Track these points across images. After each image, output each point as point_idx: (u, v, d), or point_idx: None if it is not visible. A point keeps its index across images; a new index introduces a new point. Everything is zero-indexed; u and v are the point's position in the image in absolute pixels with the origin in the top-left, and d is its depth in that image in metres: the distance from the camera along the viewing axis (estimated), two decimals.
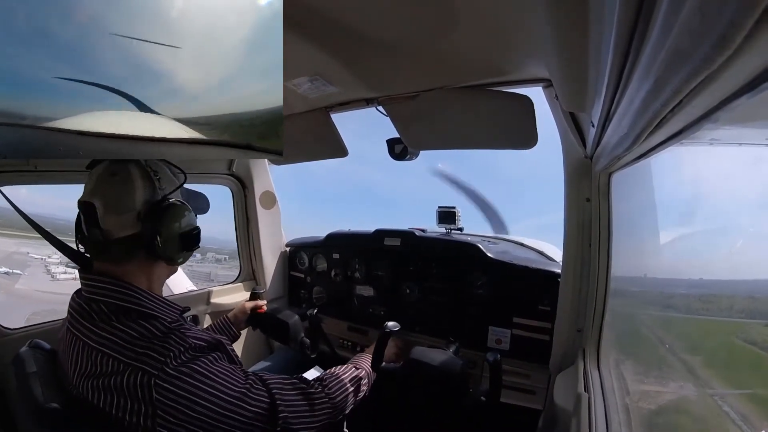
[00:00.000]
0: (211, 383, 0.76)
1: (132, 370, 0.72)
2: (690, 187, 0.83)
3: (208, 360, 0.78)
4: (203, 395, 0.74)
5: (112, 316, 0.79)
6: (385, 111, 1.38)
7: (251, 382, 0.83)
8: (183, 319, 0.90)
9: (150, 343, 0.75)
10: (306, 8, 0.82)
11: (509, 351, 1.54)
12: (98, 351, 0.75)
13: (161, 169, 0.88)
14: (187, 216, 0.89)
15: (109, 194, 0.80)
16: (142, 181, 0.83)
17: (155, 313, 0.83)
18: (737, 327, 0.64)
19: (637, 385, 0.97)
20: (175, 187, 0.89)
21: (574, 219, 1.25)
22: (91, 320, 0.79)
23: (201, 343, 0.80)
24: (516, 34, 0.87)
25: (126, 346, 0.74)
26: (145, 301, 0.83)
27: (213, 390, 0.75)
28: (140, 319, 0.79)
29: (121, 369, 0.72)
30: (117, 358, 0.74)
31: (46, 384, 0.80)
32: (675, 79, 0.33)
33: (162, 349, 0.74)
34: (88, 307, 0.81)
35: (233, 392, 0.78)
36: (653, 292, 0.97)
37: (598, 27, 0.53)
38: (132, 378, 0.71)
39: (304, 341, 1.43)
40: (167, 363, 0.73)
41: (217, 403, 0.75)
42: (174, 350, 0.75)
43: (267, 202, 2.13)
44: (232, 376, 0.80)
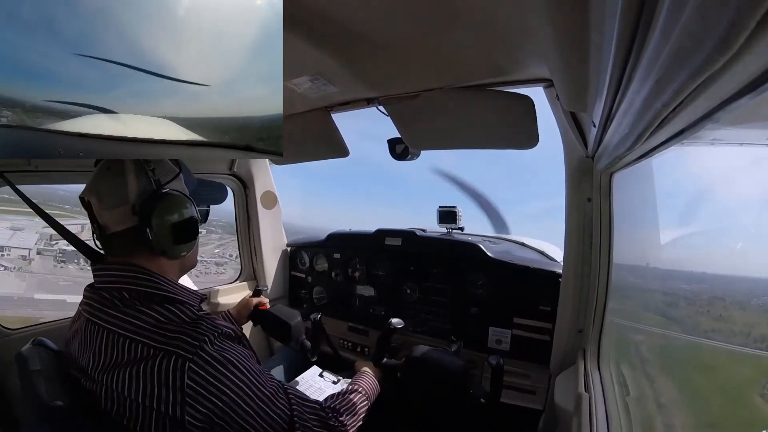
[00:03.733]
0: (243, 377, 0.74)
1: (164, 354, 0.70)
2: (692, 187, 0.83)
3: (240, 353, 0.76)
4: (233, 388, 0.72)
5: (136, 302, 0.77)
6: (385, 111, 1.37)
7: (275, 389, 0.80)
8: (201, 308, 0.89)
9: (181, 328, 0.73)
10: (306, 8, 0.82)
11: (510, 351, 1.54)
12: (126, 337, 0.73)
13: (157, 160, 0.85)
14: (181, 206, 0.84)
15: (103, 189, 0.79)
16: (135, 174, 0.80)
17: (181, 298, 0.81)
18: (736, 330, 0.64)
19: (638, 384, 0.97)
20: (170, 177, 0.85)
21: (575, 219, 1.25)
22: (116, 307, 0.77)
23: (230, 332, 0.78)
24: (517, 34, 0.87)
25: (156, 330, 0.73)
26: (168, 286, 0.81)
27: (243, 385, 0.74)
28: (167, 303, 0.78)
29: (152, 354, 0.70)
30: (147, 343, 0.72)
31: (51, 382, 0.79)
32: (676, 80, 0.33)
33: (195, 333, 0.73)
34: (110, 295, 0.79)
35: (261, 394, 0.76)
36: (653, 292, 0.97)
37: (599, 27, 0.53)
38: (165, 363, 0.69)
39: (305, 344, 1.43)
40: (202, 347, 0.71)
41: (244, 399, 0.73)
42: (208, 335, 0.73)
43: (268, 201, 2.13)
44: (263, 377, 0.78)
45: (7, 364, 1.28)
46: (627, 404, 0.89)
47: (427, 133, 1.44)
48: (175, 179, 0.86)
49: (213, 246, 6.80)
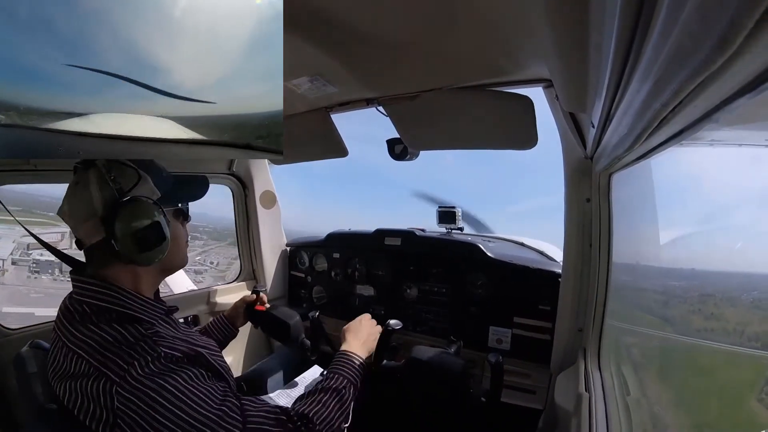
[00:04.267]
0: (178, 403, 0.71)
1: (98, 375, 0.70)
2: (691, 188, 0.83)
3: (181, 376, 0.73)
4: (165, 413, 0.70)
5: (93, 317, 0.77)
6: (385, 111, 1.38)
7: (226, 409, 0.76)
8: (171, 319, 0.88)
9: (118, 350, 0.72)
10: (306, 8, 0.82)
11: (510, 351, 1.54)
12: (73, 352, 0.74)
13: (116, 167, 0.82)
14: (142, 211, 0.81)
15: (73, 204, 0.80)
16: (98, 185, 0.79)
17: (138, 314, 0.81)
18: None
19: (637, 385, 0.97)
20: (133, 183, 0.83)
21: (575, 219, 1.25)
22: (72, 321, 0.78)
23: (175, 354, 0.75)
24: (516, 35, 0.87)
25: (97, 348, 0.73)
26: (127, 302, 0.81)
27: (177, 410, 0.70)
28: (117, 323, 0.77)
29: (90, 372, 0.71)
30: (87, 360, 0.72)
31: (47, 384, 0.80)
32: (675, 80, 0.33)
33: (128, 357, 0.71)
34: (72, 308, 0.80)
35: (202, 416, 0.72)
36: (654, 292, 0.97)
37: (598, 27, 0.53)
38: (96, 383, 0.69)
39: (305, 343, 1.43)
40: (130, 372, 0.70)
41: (179, 424, 0.70)
42: (139, 360, 0.71)
43: (267, 201, 2.13)
44: (205, 397, 0.74)
45: (7, 364, 1.28)
46: (627, 404, 0.90)
47: (427, 134, 1.44)
48: (139, 184, 0.83)
49: (195, 253, 6.66)
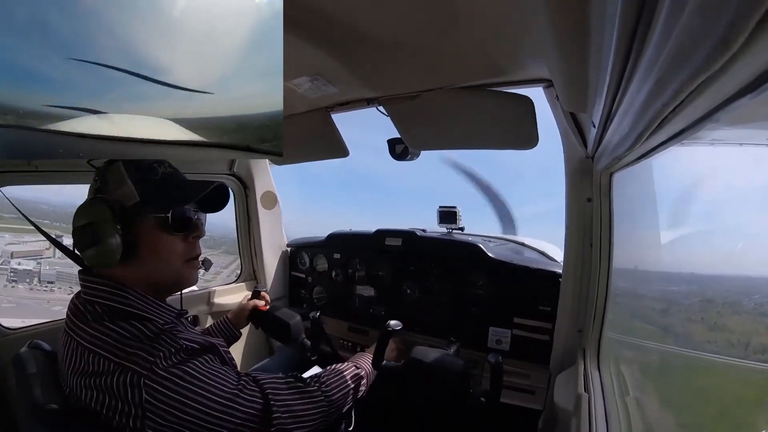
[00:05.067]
0: (201, 385, 0.75)
1: (122, 370, 0.72)
2: (692, 187, 0.83)
3: (199, 362, 0.78)
4: (193, 397, 0.74)
5: (105, 316, 0.79)
6: (385, 111, 1.37)
7: (244, 383, 0.82)
8: (180, 321, 0.90)
9: (140, 344, 0.75)
10: (306, 8, 0.82)
11: (509, 351, 1.54)
12: (90, 350, 0.75)
13: (107, 170, 0.85)
14: (86, 211, 0.82)
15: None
16: (92, 185, 0.86)
17: (146, 314, 0.83)
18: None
19: (637, 384, 0.97)
20: (114, 185, 0.83)
21: (575, 219, 1.25)
22: (85, 320, 0.79)
23: (193, 345, 0.80)
24: (516, 35, 0.87)
25: (117, 345, 0.75)
26: (135, 302, 0.82)
27: (203, 392, 0.75)
28: (131, 320, 0.79)
29: (111, 369, 0.72)
30: (107, 357, 0.74)
31: (46, 385, 0.80)
32: (676, 80, 0.33)
33: (152, 349, 0.74)
34: (83, 308, 0.82)
35: (224, 394, 0.78)
36: (653, 292, 0.97)
37: (599, 27, 0.53)
38: (122, 378, 0.71)
39: (305, 342, 1.43)
40: (157, 363, 0.73)
41: (207, 405, 0.75)
42: (164, 351, 0.74)
43: (268, 202, 2.13)
44: (224, 377, 0.80)
45: (7, 365, 1.28)
46: (627, 404, 0.89)
47: (427, 134, 1.44)
48: (119, 186, 0.84)
49: None
